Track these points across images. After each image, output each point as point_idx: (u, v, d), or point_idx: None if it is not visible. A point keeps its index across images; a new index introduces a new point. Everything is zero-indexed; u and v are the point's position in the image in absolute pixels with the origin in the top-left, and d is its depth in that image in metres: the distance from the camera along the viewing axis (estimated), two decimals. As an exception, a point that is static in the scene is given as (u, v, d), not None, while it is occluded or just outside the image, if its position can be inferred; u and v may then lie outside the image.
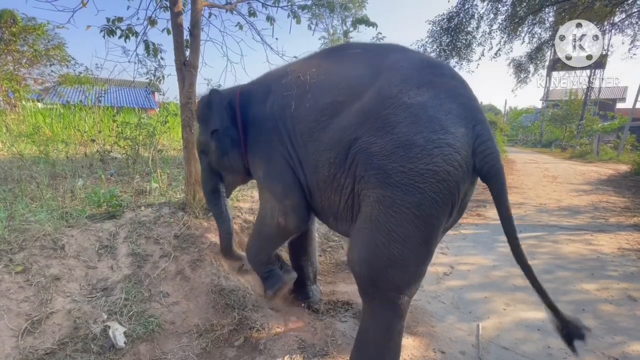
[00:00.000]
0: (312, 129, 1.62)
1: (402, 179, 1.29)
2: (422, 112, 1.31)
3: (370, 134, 1.37)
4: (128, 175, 3.88)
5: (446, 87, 1.39)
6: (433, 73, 1.45)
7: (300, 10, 3.64)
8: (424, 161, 1.27)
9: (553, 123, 24.43)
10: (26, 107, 7.46)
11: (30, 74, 9.94)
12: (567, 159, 15.23)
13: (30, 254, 1.96)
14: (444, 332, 2.12)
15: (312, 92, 1.65)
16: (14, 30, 7.43)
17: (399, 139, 1.30)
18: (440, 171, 1.27)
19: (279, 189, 1.83)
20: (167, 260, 2.26)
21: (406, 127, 1.30)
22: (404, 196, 1.30)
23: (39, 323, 1.68)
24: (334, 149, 1.51)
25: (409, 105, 1.33)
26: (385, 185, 1.33)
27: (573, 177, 9.13)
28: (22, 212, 2.35)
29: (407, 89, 1.36)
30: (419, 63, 1.51)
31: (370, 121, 1.38)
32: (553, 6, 8.42)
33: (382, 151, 1.33)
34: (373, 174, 1.36)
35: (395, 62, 1.50)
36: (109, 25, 3.16)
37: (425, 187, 1.28)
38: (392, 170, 1.31)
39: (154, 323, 1.86)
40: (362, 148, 1.40)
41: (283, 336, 1.93)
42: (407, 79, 1.40)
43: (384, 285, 1.44)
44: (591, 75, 21.64)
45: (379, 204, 1.36)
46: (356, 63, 1.64)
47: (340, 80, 1.59)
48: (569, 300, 2.53)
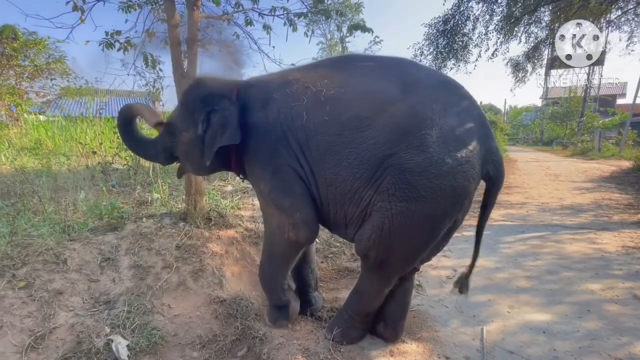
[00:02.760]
0: (333, 143, 1.62)
1: (428, 194, 1.46)
2: (451, 132, 1.47)
3: (407, 151, 1.47)
4: (129, 186, 3.90)
5: (463, 106, 1.57)
6: (453, 93, 1.60)
7: (296, 18, 3.68)
8: (449, 178, 1.45)
9: (553, 121, 24.43)
10: (28, 121, 7.54)
11: (32, 87, 10.08)
12: (569, 157, 15.18)
13: (33, 269, 1.98)
14: (448, 336, 2.11)
15: (330, 105, 1.64)
16: (15, 45, 7.54)
17: (432, 158, 1.44)
18: (458, 186, 1.48)
19: (288, 203, 1.77)
20: (169, 271, 2.26)
21: (439, 147, 1.44)
22: (423, 209, 1.50)
23: (42, 338, 1.69)
24: (363, 165, 1.55)
25: (441, 125, 1.47)
26: (411, 200, 1.49)
27: (575, 175, 9.10)
28: (25, 226, 2.37)
29: (438, 110, 1.49)
30: (440, 83, 1.65)
31: (408, 139, 1.47)
32: (548, 5, 8.45)
33: (417, 168, 1.45)
34: (403, 189, 1.49)
35: (419, 81, 1.61)
36: (108, 38, 3.21)
37: (444, 201, 1.49)
38: (421, 186, 1.46)
39: (156, 335, 1.85)
40: (396, 164, 1.49)
41: (286, 345, 1.92)
42: (435, 99, 1.52)
43: (389, 271, 1.76)
44: (590, 72, 21.66)
45: (400, 215, 1.52)
46: (375, 78, 1.68)
47: (363, 95, 1.62)
48: (573, 301, 2.52)
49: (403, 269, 1.79)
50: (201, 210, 2.81)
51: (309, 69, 1.92)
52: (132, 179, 4.05)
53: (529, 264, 3.19)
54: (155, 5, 3.36)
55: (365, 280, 1.91)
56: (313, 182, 1.75)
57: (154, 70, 3.61)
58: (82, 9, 3.02)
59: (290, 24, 3.65)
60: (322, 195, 1.74)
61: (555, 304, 2.50)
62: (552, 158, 14.77)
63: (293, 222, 1.76)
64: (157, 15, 3.40)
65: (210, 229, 2.71)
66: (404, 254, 1.70)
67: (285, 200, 1.77)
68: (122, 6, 3.21)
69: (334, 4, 4.45)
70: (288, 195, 1.76)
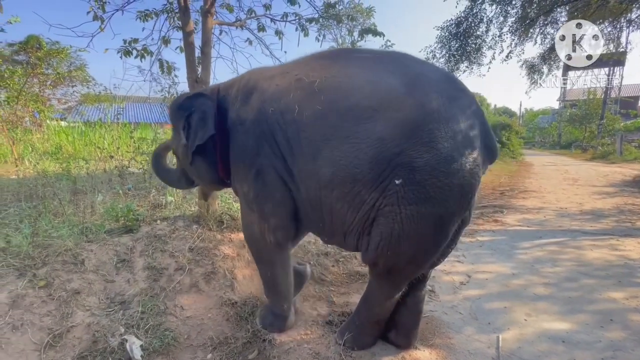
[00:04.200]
0: (329, 138, 1.45)
1: (437, 193, 1.36)
2: (457, 127, 1.37)
3: (416, 148, 1.34)
4: (145, 189, 3.99)
5: (465, 102, 1.48)
6: (455, 88, 1.51)
7: (308, 23, 3.72)
8: (457, 176, 1.36)
9: (572, 123, 23.73)
10: (50, 126, 7.84)
11: (55, 94, 10.50)
12: (589, 160, 14.70)
13: (52, 269, 2.04)
14: (462, 344, 2.06)
15: (325, 94, 1.49)
16: (39, 54, 7.88)
17: (442, 154, 1.33)
18: (465, 184, 1.39)
19: (267, 207, 1.73)
20: (182, 273, 2.29)
21: (447, 143, 1.34)
22: (433, 210, 1.40)
23: (60, 337, 1.73)
24: (366, 164, 1.39)
25: (447, 119, 1.36)
26: (421, 201, 1.37)
27: (595, 179, 8.79)
28: (46, 227, 2.45)
29: (445, 105, 1.39)
30: (442, 77, 1.56)
31: (417, 135, 1.35)
32: (565, 6, 8.26)
33: (426, 166, 1.34)
34: (412, 190, 1.37)
35: (421, 74, 1.51)
36: (126, 46, 3.32)
37: (453, 200, 1.40)
38: (430, 186, 1.35)
39: (169, 336, 1.88)
40: (405, 162, 1.35)
41: (297, 349, 1.92)
42: (441, 93, 1.42)
43: (397, 274, 1.67)
44: (610, 73, 20.99)
45: (410, 219, 1.41)
46: (374, 68, 1.56)
47: (363, 84, 1.48)
48: (595, 310, 2.41)
49: (413, 273, 1.72)
50: (214, 213, 2.84)
51: (301, 61, 1.80)
52: (148, 183, 4.15)
53: (546, 271, 3.09)
54: (171, 13, 3.46)
55: (374, 288, 1.84)
56: (302, 185, 1.60)
57: (169, 76, 3.71)
58: (102, 18, 3.14)
59: (302, 29, 3.70)
60: (312, 199, 1.59)
61: (575, 312, 2.40)
62: (570, 162, 14.33)
63: (269, 226, 1.77)
64: (172, 23, 3.50)
65: (222, 232, 2.74)
66: (414, 259, 1.59)
67: (265, 205, 1.75)
68: (139, 15, 3.32)
69: (345, 8, 4.47)
70: (268, 201, 1.73)
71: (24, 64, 8.66)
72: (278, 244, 1.83)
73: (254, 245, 1.97)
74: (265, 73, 1.85)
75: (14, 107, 6.47)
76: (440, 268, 3.15)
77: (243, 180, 1.82)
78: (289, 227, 1.79)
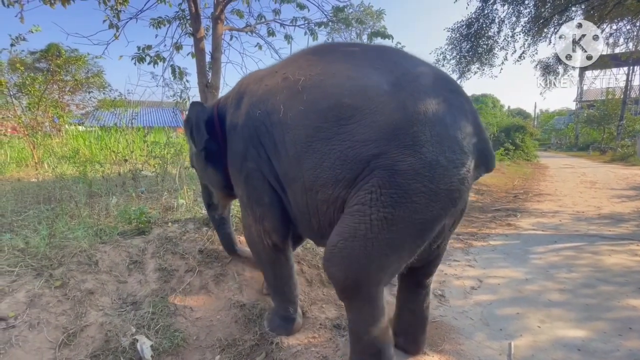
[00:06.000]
0: (311, 139, 1.40)
1: (420, 199, 1.27)
2: (444, 131, 1.28)
3: (398, 151, 1.27)
4: (157, 192, 4.07)
5: (457, 103, 1.37)
6: (446, 88, 1.40)
7: (317, 27, 3.75)
8: (444, 182, 1.27)
9: (589, 125, 23.05)
10: (69, 131, 8.10)
11: (73, 100, 10.84)
12: (607, 163, 14.23)
13: (68, 270, 2.10)
14: (473, 350, 2.02)
15: (307, 93, 1.44)
16: (59, 62, 8.17)
17: (426, 159, 1.25)
18: (454, 190, 1.31)
19: (259, 211, 1.76)
20: (192, 275, 2.33)
21: (433, 147, 1.26)
22: (412, 215, 1.29)
23: (74, 336, 1.78)
24: (346, 165, 1.34)
25: (434, 123, 1.28)
26: (399, 205, 1.28)
27: (614, 182, 8.51)
28: (62, 229, 2.53)
29: (431, 106, 1.30)
30: (433, 76, 1.43)
31: (400, 137, 1.27)
32: (581, 4, 8.06)
33: (409, 170, 1.26)
34: (390, 193, 1.28)
35: (410, 73, 1.40)
36: (140, 52, 3.41)
37: (437, 205, 1.30)
38: (413, 191, 1.26)
39: (179, 337, 1.91)
40: (386, 165, 1.28)
41: (304, 352, 1.91)
42: (428, 93, 1.33)
43: (366, 285, 1.45)
44: (630, 72, 20.32)
45: (382, 222, 1.30)
46: (360, 64, 1.47)
47: (345, 80, 1.41)
48: (613, 318, 2.33)
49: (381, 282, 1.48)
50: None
51: (290, 58, 1.77)
52: (160, 186, 4.23)
53: (562, 276, 3.00)
54: (183, 20, 3.55)
55: (351, 317, 1.59)
56: (289, 188, 1.57)
57: (181, 82, 3.80)
58: (117, 26, 3.25)
59: (311, 33, 3.73)
60: (299, 202, 1.55)
61: (591, 319, 2.33)
62: (588, 164, 13.90)
63: (264, 229, 1.78)
64: (184, 29, 3.59)
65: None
66: (380, 267, 1.41)
67: (257, 209, 1.77)
68: (152, 22, 3.42)
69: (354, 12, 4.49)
70: (259, 205, 1.75)
71: (45, 71, 9.00)
72: (275, 246, 1.84)
73: (254, 248, 1.99)
74: (256, 75, 1.87)
75: (34, 112, 6.72)
76: (451, 272, 3.11)
77: (237, 185, 1.87)
78: (282, 230, 1.78)
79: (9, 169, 5.17)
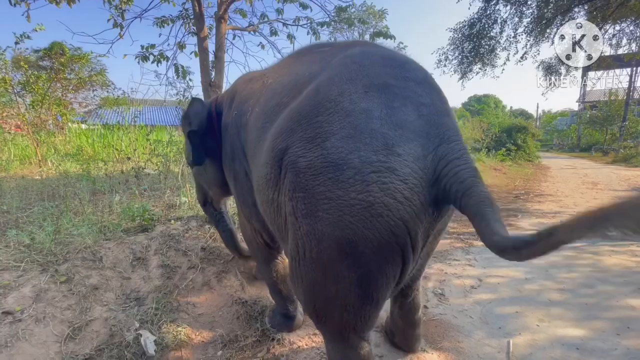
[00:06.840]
0: (258, 138, 1.35)
1: (329, 207, 0.98)
2: (363, 123, 1.00)
3: (299, 144, 1.06)
4: (160, 190, 4.11)
5: (406, 92, 1.07)
6: (393, 74, 1.11)
7: (319, 27, 3.77)
8: (356, 188, 0.95)
9: (592, 126, 22.97)
10: (72, 129, 8.15)
11: (76, 98, 10.91)
12: (609, 164, 14.19)
13: (73, 265, 2.13)
14: (472, 348, 2.04)
15: (265, 95, 1.44)
16: (62, 60, 8.21)
17: (329, 156, 0.99)
18: (376, 203, 0.95)
19: (246, 211, 1.75)
20: (195, 271, 2.36)
21: (340, 141, 0.99)
22: (332, 231, 0.99)
23: (80, 330, 1.81)
24: (269, 162, 1.18)
25: (349, 112, 1.02)
26: (312, 215, 1.02)
27: (616, 183, 8.49)
28: (67, 226, 2.56)
29: (351, 92, 1.05)
30: (377, 60, 1.17)
31: (303, 128, 1.07)
32: (584, 5, 8.05)
33: (310, 168, 1.02)
34: (301, 198, 1.04)
35: (347, 57, 1.20)
36: (143, 51, 3.44)
37: (357, 221, 0.96)
38: (319, 195, 1.00)
39: (182, 333, 1.94)
40: (291, 162, 1.07)
41: (305, 348, 1.94)
42: (354, 78, 1.09)
43: (327, 321, 1.22)
44: (633, 73, 20.23)
45: (309, 237, 1.05)
46: (314, 61, 1.36)
47: (291, 80, 1.33)
48: (611, 317, 2.34)
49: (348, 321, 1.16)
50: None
51: (280, 61, 1.80)
52: (162, 184, 4.27)
53: (562, 276, 3.01)
54: (187, 19, 3.58)
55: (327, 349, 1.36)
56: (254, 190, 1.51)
57: (184, 80, 3.83)
58: (122, 25, 3.28)
59: (314, 32, 3.75)
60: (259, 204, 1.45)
61: (590, 319, 2.34)
62: (590, 165, 13.86)
63: (254, 228, 1.79)
64: (187, 28, 3.61)
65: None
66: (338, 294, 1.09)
67: (244, 209, 1.78)
68: (156, 22, 3.45)
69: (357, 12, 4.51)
70: (245, 205, 1.74)
71: (48, 70, 9.05)
72: (268, 245, 1.85)
73: (250, 246, 2.02)
74: (249, 76, 1.89)
75: (38, 110, 6.77)
76: (451, 271, 3.13)
77: (230, 183, 1.89)
78: (269, 230, 1.66)
79: (13, 167, 5.22)
